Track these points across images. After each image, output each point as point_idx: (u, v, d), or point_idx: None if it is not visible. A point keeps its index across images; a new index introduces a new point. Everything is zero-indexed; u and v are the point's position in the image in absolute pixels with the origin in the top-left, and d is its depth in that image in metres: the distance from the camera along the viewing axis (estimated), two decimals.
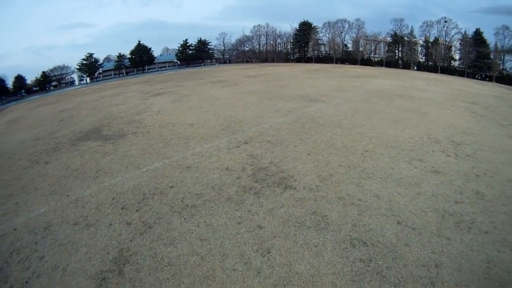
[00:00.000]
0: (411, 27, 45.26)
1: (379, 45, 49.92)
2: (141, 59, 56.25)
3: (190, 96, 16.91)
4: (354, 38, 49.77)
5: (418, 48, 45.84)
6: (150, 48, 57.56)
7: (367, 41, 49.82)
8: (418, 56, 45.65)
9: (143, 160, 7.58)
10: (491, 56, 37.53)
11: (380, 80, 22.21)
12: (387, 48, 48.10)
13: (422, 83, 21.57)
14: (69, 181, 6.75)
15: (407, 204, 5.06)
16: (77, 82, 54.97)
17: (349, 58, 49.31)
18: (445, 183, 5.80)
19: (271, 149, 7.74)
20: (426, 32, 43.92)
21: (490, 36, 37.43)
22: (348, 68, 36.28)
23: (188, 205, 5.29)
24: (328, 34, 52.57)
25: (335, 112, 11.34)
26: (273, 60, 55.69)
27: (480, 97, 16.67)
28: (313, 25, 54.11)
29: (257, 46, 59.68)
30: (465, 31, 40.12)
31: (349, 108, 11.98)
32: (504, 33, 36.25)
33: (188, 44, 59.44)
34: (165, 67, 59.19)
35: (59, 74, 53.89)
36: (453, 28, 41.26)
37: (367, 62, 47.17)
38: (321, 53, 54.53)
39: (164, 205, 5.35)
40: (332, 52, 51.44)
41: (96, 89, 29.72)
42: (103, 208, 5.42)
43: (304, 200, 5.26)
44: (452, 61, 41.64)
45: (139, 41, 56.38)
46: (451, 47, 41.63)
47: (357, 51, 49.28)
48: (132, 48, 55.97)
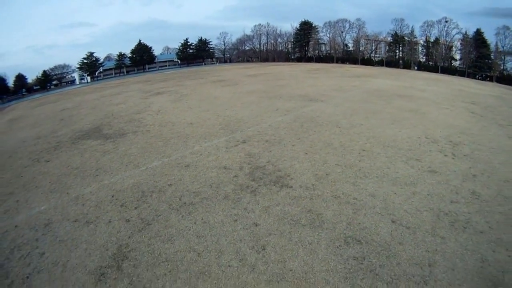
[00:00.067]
0: (412, 27, 45.19)
1: (380, 45, 49.82)
2: (142, 58, 56.35)
3: (190, 96, 16.98)
4: (355, 38, 49.69)
5: (419, 48, 45.67)
6: (151, 47, 57.73)
7: (368, 41, 49.70)
8: (419, 56, 45.48)
9: (143, 159, 7.66)
10: (492, 57, 37.41)
11: (380, 80, 22.20)
12: (388, 48, 48.00)
13: (422, 83, 21.54)
14: (70, 179, 6.84)
15: (402, 203, 5.09)
16: (78, 81, 55.13)
17: (350, 58, 49.22)
18: (441, 183, 5.82)
19: (269, 148, 7.80)
20: (427, 32, 43.81)
21: (491, 37, 37.40)
22: (349, 68, 36.26)
23: (186, 203, 5.37)
24: (329, 34, 52.54)
25: (334, 112, 11.38)
26: (274, 60, 55.65)
27: (480, 97, 16.63)
28: (314, 25, 54.09)
29: (258, 46, 59.67)
30: (466, 31, 40.00)
31: (348, 108, 12.01)
32: (505, 33, 36.17)
33: (189, 44, 59.52)
34: (166, 66, 59.31)
35: (60, 73, 54.09)
36: (454, 28, 41.13)
37: (368, 62, 47.08)
38: (322, 53, 54.44)
39: (163, 203, 5.43)
40: (333, 52, 51.35)
41: (97, 88, 29.83)
42: (103, 206, 5.50)
43: (300, 199, 5.31)
44: (453, 61, 41.50)
45: (140, 40, 56.59)
46: (452, 47, 41.47)
47: (358, 51, 49.17)
48: (133, 47, 56.19)
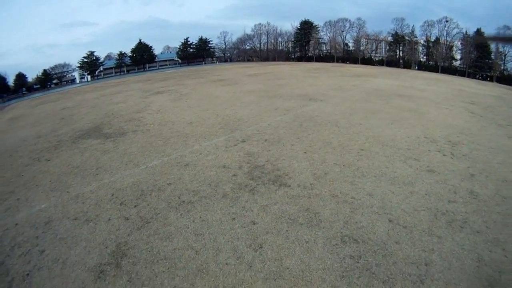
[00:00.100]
0: (412, 27, 45.20)
1: (380, 45, 49.78)
2: (142, 57, 56.43)
3: (190, 95, 17.02)
4: (355, 37, 49.71)
5: (419, 48, 45.66)
6: (151, 47, 57.83)
7: (368, 40, 49.69)
8: (419, 56, 45.45)
9: (143, 158, 7.71)
10: (492, 56, 37.39)
11: (380, 80, 22.20)
12: (388, 48, 47.99)
13: (422, 83, 21.54)
14: (70, 178, 6.89)
15: (400, 203, 5.12)
16: (78, 80, 55.25)
17: (350, 57, 49.21)
18: (440, 182, 5.84)
19: (268, 148, 7.83)
20: (427, 32, 43.82)
21: None
22: (349, 67, 36.26)
23: (185, 201, 5.40)
24: (329, 33, 52.57)
25: (333, 111, 11.40)
26: (274, 59, 55.64)
27: (480, 97, 16.62)
28: (314, 24, 54.09)
29: (258, 45, 59.67)
30: (466, 31, 40.05)
31: (348, 107, 12.03)
32: (506, 33, 36.11)
33: (189, 43, 59.56)
34: (166, 65, 59.38)
35: (60, 72, 54.21)
36: (454, 28, 41.13)
37: (368, 61, 47.07)
38: (322, 52, 54.44)
39: (162, 201, 5.47)
40: (333, 51, 51.35)
41: (97, 87, 29.89)
42: (103, 204, 5.54)
43: (298, 198, 5.35)
44: (453, 61, 41.46)
45: (140, 40, 56.72)
46: (452, 47, 41.46)
47: (358, 50, 49.15)
48: (133, 47, 56.31)
